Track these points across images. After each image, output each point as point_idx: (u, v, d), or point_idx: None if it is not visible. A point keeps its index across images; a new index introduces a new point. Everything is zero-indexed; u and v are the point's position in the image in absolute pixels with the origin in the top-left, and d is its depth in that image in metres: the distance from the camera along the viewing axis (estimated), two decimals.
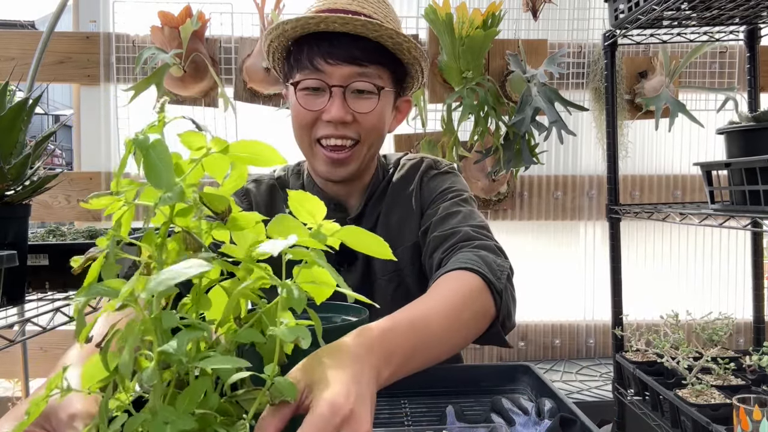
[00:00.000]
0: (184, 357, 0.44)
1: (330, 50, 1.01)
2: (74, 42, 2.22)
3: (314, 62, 1.02)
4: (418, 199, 1.16)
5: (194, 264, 0.44)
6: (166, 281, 0.42)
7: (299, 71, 1.04)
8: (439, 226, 1.05)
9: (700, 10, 1.37)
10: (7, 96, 0.93)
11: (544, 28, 2.27)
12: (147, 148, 0.45)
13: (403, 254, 1.13)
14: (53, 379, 0.48)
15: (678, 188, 2.40)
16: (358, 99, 1.04)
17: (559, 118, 1.76)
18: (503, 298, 0.88)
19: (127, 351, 0.44)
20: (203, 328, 0.47)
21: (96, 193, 0.49)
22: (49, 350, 2.29)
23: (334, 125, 1.03)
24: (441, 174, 1.18)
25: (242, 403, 0.51)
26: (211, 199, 0.50)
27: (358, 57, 1.02)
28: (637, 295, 2.19)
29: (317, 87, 1.03)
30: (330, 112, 1.02)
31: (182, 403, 0.45)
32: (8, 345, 0.90)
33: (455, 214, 1.07)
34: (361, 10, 1.03)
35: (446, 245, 1.00)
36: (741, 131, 1.16)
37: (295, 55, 1.05)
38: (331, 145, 1.05)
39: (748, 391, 1.10)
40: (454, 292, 0.83)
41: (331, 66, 1.01)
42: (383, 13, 1.06)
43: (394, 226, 1.15)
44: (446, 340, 0.77)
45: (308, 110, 1.04)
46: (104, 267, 0.48)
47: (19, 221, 0.97)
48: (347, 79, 1.02)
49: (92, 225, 1.90)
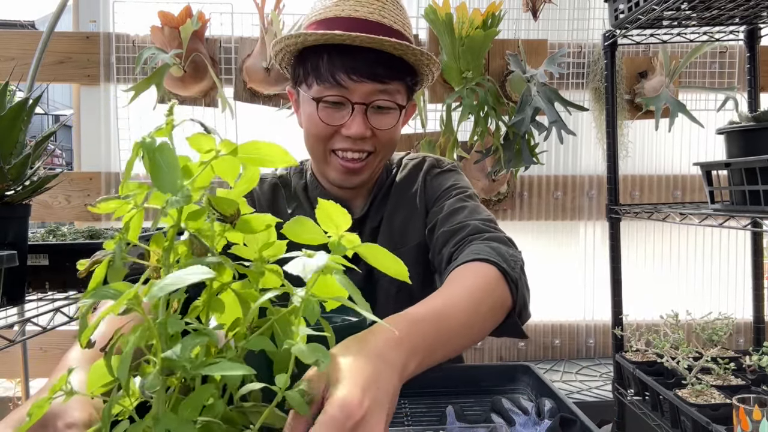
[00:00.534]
0: (187, 363, 0.43)
1: (353, 65, 0.99)
2: (74, 42, 2.22)
3: (336, 77, 0.99)
4: (422, 198, 1.16)
5: (197, 270, 0.44)
6: (168, 287, 0.42)
7: (319, 83, 1.02)
8: (446, 222, 1.05)
9: (700, 10, 1.37)
10: (7, 96, 0.93)
11: (544, 28, 2.27)
12: (153, 152, 0.45)
13: (407, 254, 1.13)
14: (57, 382, 0.48)
15: (678, 188, 2.40)
16: (378, 115, 1.04)
17: (558, 118, 1.76)
18: (519, 288, 0.87)
19: (125, 356, 0.44)
20: (208, 333, 0.46)
21: (104, 197, 0.49)
22: (49, 350, 2.29)
23: (352, 140, 1.03)
24: (444, 172, 1.19)
25: (249, 414, 0.50)
26: (220, 203, 0.50)
27: (381, 74, 1.00)
28: (637, 295, 2.19)
29: (338, 102, 1.02)
30: (351, 129, 1.01)
31: (185, 410, 0.45)
32: (8, 345, 0.90)
33: (461, 209, 1.07)
34: (382, 20, 1.01)
35: (456, 239, 1.00)
36: (741, 131, 1.16)
37: (314, 64, 1.02)
38: (348, 158, 1.05)
39: (748, 391, 1.10)
40: (472, 284, 0.83)
41: (354, 82, 0.99)
42: (401, 20, 1.05)
43: (397, 227, 1.15)
44: (466, 334, 0.77)
45: (328, 125, 1.03)
46: (111, 270, 0.48)
47: (19, 221, 0.97)
48: (369, 97, 1.01)
49: (92, 225, 1.90)
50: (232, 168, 0.51)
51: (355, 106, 1.01)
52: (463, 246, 0.97)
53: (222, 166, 0.50)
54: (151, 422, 0.44)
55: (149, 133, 0.47)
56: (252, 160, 0.51)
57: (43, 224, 2.20)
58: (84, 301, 0.46)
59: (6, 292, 0.88)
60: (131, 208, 0.49)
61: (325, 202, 0.55)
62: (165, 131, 0.47)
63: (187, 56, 1.98)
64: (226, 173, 0.51)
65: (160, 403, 0.45)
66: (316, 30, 1.01)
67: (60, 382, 0.48)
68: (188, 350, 0.43)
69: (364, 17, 1.00)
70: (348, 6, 1.01)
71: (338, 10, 1.01)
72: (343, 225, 0.55)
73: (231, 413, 0.49)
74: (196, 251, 0.49)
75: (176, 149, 0.47)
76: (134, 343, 0.44)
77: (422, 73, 1.09)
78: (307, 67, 1.04)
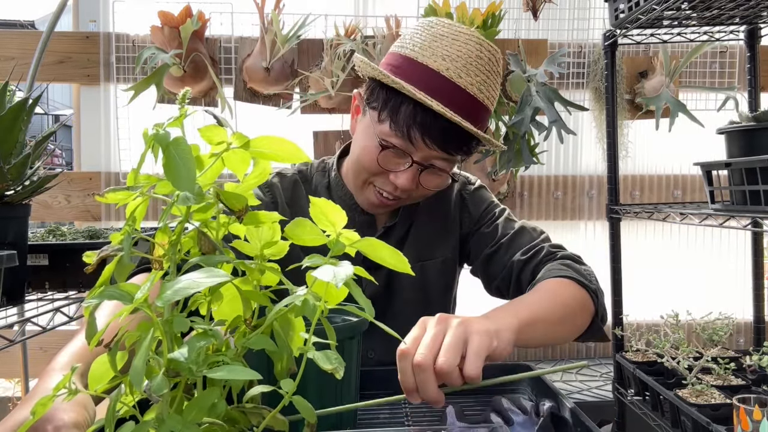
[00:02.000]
0: (194, 366, 0.43)
1: (431, 132, 0.96)
2: (74, 42, 2.21)
3: (411, 132, 0.96)
4: (458, 216, 1.19)
5: (212, 274, 0.44)
6: (183, 290, 0.42)
7: (391, 125, 0.98)
8: (514, 246, 1.11)
9: (700, 10, 1.37)
10: (7, 96, 0.93)
11: (544, 28, 2.26)
12: (167, 145, 0.45)
13: (433, 267, 1.16)
14: (60, 381, 0.48)
15: (678, 188, 2.40)
16: (430, 174, 1.03)
17: (558, 117, 1.76)
18: (599, 298, 1.00)
19: (140, 359, 0.43)
20: (214, 334, 0.46)
21: (112, 188, 0.49)
22: (49, 350, 2.29)
23: (395, 187, 1.02)
24: (478, 189, 1.23)
25: (249, 415, 0.50)
26: (229, 198, 0.50)
27: (452, 148, 1.00)
28: (637, 295, 2.18)
29: (401, 151, 0.99)
30: (399, 180, 1.00)
31: (190, 412, 0.45)
32: (8, 345, 0.90)
33: (520, 232, 1.13)
34: (478, 94, 0.98)
35: (532, 264, 1.07)
36: (741, 131, 1.15)
37: (394, 102, 0.97)
38: (384, 196, 1.04)
39: (748, 391, 1.10)
40: (559, 292, 0.95)
41: (424, 145, 0.98)
42: (493, 96, 1.02)
43: (424, 240, 1.16)
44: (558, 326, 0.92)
45: (381, 166, 1.01)
46: (117, 268, 0.48)
47: (19, 221, 0.97)
48: (430, 160, 1.01)
49: (92, 225, 1.90)
50: (242, 161, 0.51)
51: (414, 164, 1.00)
52: (540, 267, 1.05)
53: (233, 159, 0.50)
54: (156, 423, 0.44)
55: (162, 125, 0.46)
56: (264, 154, 0.51)
57: (43, 224, 2.20)
58: (90, 301, 0.45)
59: (6, 292, 0.88)
60: (136, 196, 0.48)
61: (318, 200, 0.55)
62: (177, 122, 0.47)
63: (187, 56, 1.98)
64: (236, 166, 0.51)
65: (164, 404, 0.45)
66: (410, 66, 0.97)
67: (64, 380, 0.48)
68: (194, 352, 0.43)
69: (464, 87, 0.96)
70: (455, 68, 0.96)
71: (443, 66, 0.95)
72: (338, 222, 0.55)
73: (233, 413, 0.49)
74: (203, 248, 0.49)
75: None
76: (147, 347, 0.43)
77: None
78: (387, 101, 0.99)
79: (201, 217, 0.50)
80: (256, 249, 0.54)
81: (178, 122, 0.47)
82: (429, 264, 1.15)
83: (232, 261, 0.50)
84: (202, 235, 0.49)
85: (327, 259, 0.52)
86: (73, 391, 0.48)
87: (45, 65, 2.11)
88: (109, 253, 0.48)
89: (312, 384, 0.70)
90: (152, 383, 0.44)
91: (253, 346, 0.50)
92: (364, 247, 0.56)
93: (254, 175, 0.52)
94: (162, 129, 0.45)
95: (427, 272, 1.15)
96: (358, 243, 0.55)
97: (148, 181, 0.49)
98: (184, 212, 0.48)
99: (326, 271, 0.49)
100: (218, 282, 0.43)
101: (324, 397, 0.72)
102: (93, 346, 0.47)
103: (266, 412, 0.50)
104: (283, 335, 0.51)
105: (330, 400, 0.72)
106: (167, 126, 0.46)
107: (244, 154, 0.50)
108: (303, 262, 0.52)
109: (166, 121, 0.47)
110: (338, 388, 0.74)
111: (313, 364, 0.52)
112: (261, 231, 0.53)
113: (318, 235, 0.55)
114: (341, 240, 0.55)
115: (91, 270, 0.47)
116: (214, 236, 0.51)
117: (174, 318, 0.45)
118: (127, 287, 0.46)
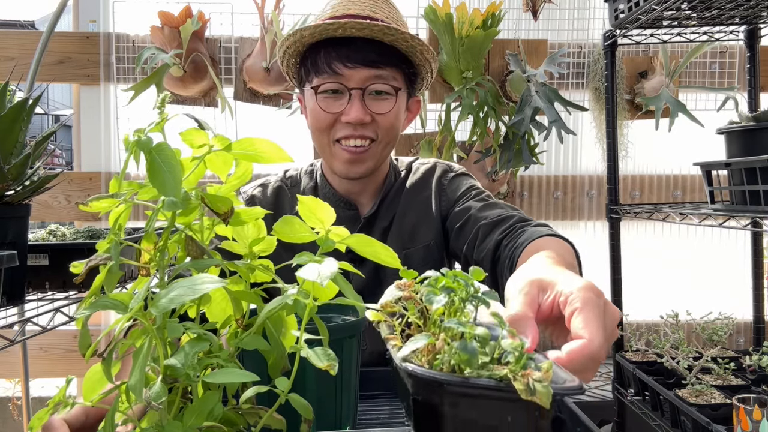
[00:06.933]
0: (191, 371, 0.43)
1: (348, 54, 1.04)
2: (74, 42, 2.21)
3: (333, 66, 1.05)
4: (437, 201, 1.20)
5: (207, 280, 0.44)
6: (179, 298, 0.41)
7: (317, 75, 1.07)
8: (483, 216, 1.09)
9: (700, 10, 1.37)
10: (7, 96, 0.93)
11: (544, 28, 2.26)
12: (150, 152, 0.45)
13: (416, 254, 1.18)
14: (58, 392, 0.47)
15: (678, 188, 2.40)
16: (376, 100, 1.08)
17: (558, 117, 1.76)
18: (580, 264, 0.98)
19: (138, 370, 0.43)
20: (209, 338, 0.46)
21: (95, 196, 0.49)
22: (49, 350, 2.29)
23: (353, 126, 1.07)
24: (458, 176, 1.23)
25: (245, 415, 0.50)
26: (214, 201, 0.50)
27: (375, 60, 1.05)
28: (637, 295, 2.18)
29: (336, 90, 1.07)
30: (349, 114, 1.06)
31: (189, 418, 0.44)
32: (8, 345, 0.90)
33: (493, 205, 1.11)
34: (374, 15, 1.06)
35: (503, 227, 1.03)
36: (741, 131, 1.15)
37: (312, 60, 1.08)
38: (351, 145, 1.09)
39: (748, 391, 1.10)
40: (566, 250, 0.92)
41: (349, 69, 1.05)
42: (394, 17, 1.10)
43: (407, 228, 1.19)
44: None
45: (328, 113, 1.08)
46: (107, 278, 0.47)
47: (19, 221, 0.96)
48: (365, 82, 1.06)
49: (92, 225, 1.90)
50: (225, 164, 0.51)
51: (352, 92, 1.06)
52: (515, 232, 1.01)
53: (215, 161, 0.50)
54: (154, 428, 0.44)
55: (143, 130, 0.46)
56: (246, 156, 0.51)
57: (43, 224, 2.20)
58: (82, 312, 0.45)
59: (6, 292, 0.88)
60: (119, 204, 0.48)
61: (306, 198, 0.55)
62: (158, 127, 0.47)
63: (187, 56, 1.98)
64: (219, 169, 0.51)
65: (163, 410, 0.45)
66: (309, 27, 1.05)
67: (60, 393, 0.47)
68: (191, 358, 0.43)
69: (356, 13, 1.06)
70: (342, 6, 1.08)
71: (333, 12, 1.08)
72: (327, 219, 0.55)
73: (230, 414, 0.49)
74: (191, 252, 0.49)
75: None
76: (145, 356, 0.43)
77: (418, 62, 1.11)
78: (308, 65, 1.10)
79: (184, 220, 0.50)
80: (245, 247, 0.54)
81: (158, 127, 0.47)
82: (411, 252, 1.18)
83: (223, 264, 0.50)
84: (190, 240, 0.49)
85: (313, 256, 0.52)
86: (70, 404, 0.47)
87: (45, 65, 2.11)
88: (98, 262, 0.47)
89: (311, 384, 0.70)
90: (151, 391, 0.43)
91: (245, 346, 0.50)
92: (354, 243, 0.56)
93: (236, 176, 0.53)
94: (143, 134, 0.45)
95: (410, 260, 1.17)
96: (348, 239, 0.55)
97: (130, 188, 0.49)
98: (170, 217, 0.48)
99: (311, 270, 0.49)
100: (214, 288, 0.43)
101: (323, 396, 0.72)
102: (88, 358, 0.47)
103: (263, 411, 0.50)
104: (276, 334, 0.51)
105: (330, 399, 0.72)
106: (148, 131, 0.46)
107: (227, 156, 0.50)
108: (293, 261, 0.52)
109: (147, 127, 0.47)
110: (338, 387, 0.74)
111: (312, 364, 0.52)
112: (246, 229, 0.53)
113: (307, 233, 0.55)
114: (331, 237, 0.55)
115: (80, 281, 0.47)
116: (200, 239, 0.50)
117: (167, 324, 0.45)
118: (120, 296, 0.45)
